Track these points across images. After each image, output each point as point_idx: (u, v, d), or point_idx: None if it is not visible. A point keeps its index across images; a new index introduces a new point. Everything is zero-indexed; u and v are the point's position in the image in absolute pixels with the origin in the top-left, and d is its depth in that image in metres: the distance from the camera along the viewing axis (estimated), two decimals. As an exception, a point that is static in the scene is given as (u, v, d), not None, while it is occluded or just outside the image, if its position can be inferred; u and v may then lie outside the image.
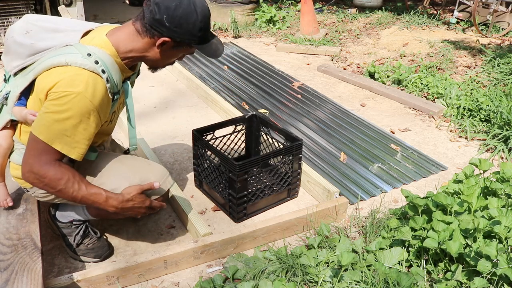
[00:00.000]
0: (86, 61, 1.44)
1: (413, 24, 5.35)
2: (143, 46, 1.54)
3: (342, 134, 2.96)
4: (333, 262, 1.77)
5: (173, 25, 1.47)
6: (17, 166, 1.66)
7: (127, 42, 1.53)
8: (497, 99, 3.16)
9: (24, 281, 1.42)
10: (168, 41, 1.51)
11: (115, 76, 1.53)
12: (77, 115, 1.43)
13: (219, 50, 1.63)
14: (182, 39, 1.52)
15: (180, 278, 1.79)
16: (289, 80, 3.89)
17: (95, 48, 1.48)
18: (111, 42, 1.52)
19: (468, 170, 2.03)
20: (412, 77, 3.76)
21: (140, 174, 1.70)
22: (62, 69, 1.43)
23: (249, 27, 5.61)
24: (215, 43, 1.62)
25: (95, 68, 1.44)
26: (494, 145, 2.80)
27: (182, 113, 3.28)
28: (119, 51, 1.53)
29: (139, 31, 1.52)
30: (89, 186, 1.56)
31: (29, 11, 4.32)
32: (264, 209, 2.19)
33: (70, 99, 1.40)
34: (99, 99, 1.46)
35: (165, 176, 1.78)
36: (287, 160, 2.13)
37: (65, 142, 1.46)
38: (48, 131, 1.44)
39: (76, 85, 1.41)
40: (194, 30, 1.50)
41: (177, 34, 1.50)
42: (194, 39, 1.54)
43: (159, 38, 1.50)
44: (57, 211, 1.84)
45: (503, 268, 1.45)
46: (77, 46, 1.48)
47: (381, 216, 2.12)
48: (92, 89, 1.43)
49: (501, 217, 1.63)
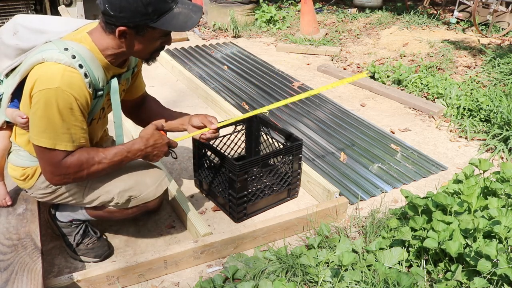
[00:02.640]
0: (62, 55, 1.41)
1: (413, 24, 5.35)
2: (113, 42, 1.49)
3: (342, 134, 2.96)
4: (333, 262, 1.77)
5: (117, 11, 1.39)
6: (15, 167, 1.67)
7: (101, 40, 1.50)
8: (497, 99, 3.16)
9: (24, 281, 1.42)
10: (124, 29, 1.43)
11: (96, 71, 1.49)
12: (63, 109, 1.42)
13: (191, 18, 1.45)
14: (135, 23, 1.42)
15: (180, 278, 1.79)
16: (289, 80, 3.89)
17: (73, 43, 1.46)
18: (92, 39, 1.49)
19: (468, 170, 2.03)
20: (412, 77, 3.76)
21: (135, 176, 1.71)
22: (39, 67, 1.43)
23: (249, 27, 5.61)
24: (183, 11, 1.45)
25: (71, 63, 1.42)
26: (494, 145, 2.80)
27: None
28: (100, 48, 1.50)
29: (103, 28, 1.48)
30: (107, 151, 1.57)
31: (29, 11, 4.33)
32: (264, 209, 2.19)
33: (50, 96, 1.39)
34: (77, 91, 1.43)
35: (160, 178, 1.77)
36: (287, 160, 2.13)
37: (64, 139, 1.47)
38: (44, 136, 1.44)
39: (52, 81, 1.39)
40: (140, 8, 1.38)
41: (126, 19, 1.41)
42: (147, 18, 1.41)
43: (116, 30, 1.44)
44: (57, 211, 1.84)
45: (503, 268, 1.45)
46: (55, 42, 1.46)
47: (381, 216, 2.12)
48: (68, 82, 1.41)
49: (501, 217, 1.63)
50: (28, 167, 1.66)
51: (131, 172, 1.72)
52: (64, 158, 1.50)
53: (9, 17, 4.30)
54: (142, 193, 1.71)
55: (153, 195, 1.74)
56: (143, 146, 1.62)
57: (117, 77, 1.63)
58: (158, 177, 1.76)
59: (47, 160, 1.50)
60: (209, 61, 4.32)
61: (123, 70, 1.65)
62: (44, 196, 1.72)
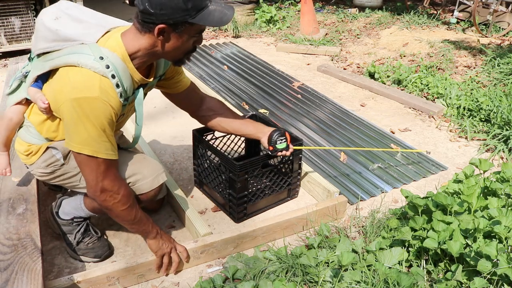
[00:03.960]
0: (97, 64, 1.44)
1: (413, 24, 5.35)
2: (148, 42, 1.51)
3: (342, 134, 2.96)
4: (333, 262, 1.77)
5: (158, 9, 1.41)
6: (22, 142, 1.73)
7: (134, 41, 1.51)
8: (497, 99, 3.16)
9: (24, 281, 1.42)
10: (164, 27, 1.45)
11: (126, 82, 1.53)
12: (103, 120, 1.46)
13: (226, 15, 1.49)
14: (175, 20, 1.43)
15: (180, 278, 1.79)
16: (289, 80, 3.89)
17: (108, 51, 1.48)
18: (124, 43, 1.52)
19: (468, 170, 2.03)
20: (412, 77, 3.76)
21: (134, 165, 1.72)
22: (73, 70, 1.45)
23: (249, 27, 5.61)
24: (218, 8, 1.49)
25: (105, 72, 1.45)
26: (494, 145, 2.80)
27: (182, 113, 3.26)
28: (129, 51, 1.52)
29: (138, 29, 1.50)
30: (141, 210, 1.70)
31: (29, 11, 4.32)
32: (264, 209, 2.19)
33: (90, 107, 1.43)
34: (113, 102, 1.48)
35: (158, 172, 1.78)
36: (287, 160, 2.13)
37: (105, 148, 1.50)
38: (86, 145, 1.47)
39: (91, 90, 1.43)
40: (180, 4, 1.41)
41: (167, 16, 1.42)
42: (187, 14, 1.43)
43: (154, 28, 1.46)
44: (59, 209, 1.86)
45: (503, 268, 1.45)
46: (91, 46, 1.49)
47: (381, 216, 2.12)
48: (106, 92, 1.45)
49: (501, 217, 1.63)
50: (33, 144, 1.70)
51: (130, 161, 1.73)
52: (116, 177, 1.57)
53: (9, 17, 4.30)
54: (138, 183, 1.71)
55: (149, 187, 1.74)
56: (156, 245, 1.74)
57: (143, 86, 1.66)
58: (156, 170, 1.77)
59: (94, 171, 1.52)
60: (209, 61, 4.32)
61: (149, 80, 1.67)
62: (43, 175, 1.75)
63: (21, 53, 4.38)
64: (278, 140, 1.95)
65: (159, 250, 1.73)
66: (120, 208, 1.59)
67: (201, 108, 2.03)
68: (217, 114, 2.02)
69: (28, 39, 4.47)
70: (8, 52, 4.39)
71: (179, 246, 1.79)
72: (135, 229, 1.70)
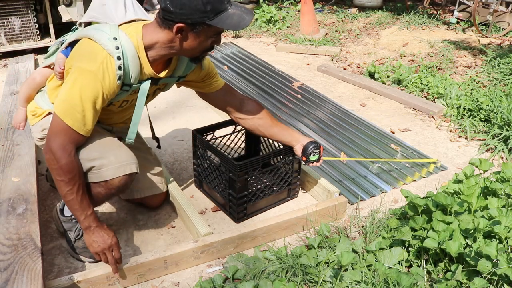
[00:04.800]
0: (109, 42, 1.51)
1: (413, 24, 5.35)
2: (166, 37, 1.56)
3: (342, 134, 2.96)
4: (333, 262, 1.77)
5: (178, 8, 1.47)
6: (33, 102, 1.87)
7: (153, 34, 1.58)
8: (497, 99, 3.16)
9: (24, 281, 1.42)
10: (182, 26, 1.50)
11: (132, 68, 1.58)
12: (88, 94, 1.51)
13: (244, 19, 1.53)
14: (193, 20, 1.49)
15: (180, 278, 1.79)
16: (289, 80, 3.89)
17: (124, 35, 1.55)
18: (143, 33, 1.58)
19: (468, 170, 2.03)
20: (412, 77, 3.76)
21: (101, 150, 1.66)
22: (88, 41, 1.55)
23: (249, 27, 5.61)
24: (237, 12, 1.53)
25: (112, 52, 1.51)
26: (494, 145, 2.80)
27: (182, 113, 3.28)
28: (146, 42, 1.58)
29: (159, 23, 1.56)
30: (84, 196, 1.61)
31: (29, 11, 4.32)
32: (264, 209, 2.19)
33: (83, 76, 1.51)
34: (107, 82, 1.53)
35: (127, 161, 1.69)
36: (287, 160, 2.13)
37: (75, 118, 1.53)
38: (62, 105, 1.54)
39: (91, 63, 1.50)
40: (199, 6, 1.46)
41: (185, 16, 1.48)
42: (205, 16, 1.48)
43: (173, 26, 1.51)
44: (64, 206, 1.87)
45: (503, 268, 1.45)
46: (112, 27, 1.57)
47: (381, 216, 2.12)
48: (103, 70, 1.51)
49: (501, 217, 1.63)
50: (40, 107, 1.82)
51: (102, 144, 1.69)
52: (66, 148, 1.55)
53: (9, 17, 4.29)
54: (102, 168, 1.65)
55: (111, 174, 1.65)
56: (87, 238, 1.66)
57: (153, 80, 1.69)
58: (125, 159, 1.69)
59: (53, 129, 1.56)
60: (209, 61, 4.32)
61: (161, 76, 1.70)
62: (38, 141, 1.86)
63: (21, 53, 4.38)
64: (312, 152, 2.03)
65: (89, 246, 1.67)
66: (56, 177, 1.56)
67: (241, 110, 2.07)
68: (256, 118, 2.07)
69: (28, 39, 4.46)
70: (8, 52, 4.39)
71: (116, 251, 1.68)
72: (68, 208, 1.64)
